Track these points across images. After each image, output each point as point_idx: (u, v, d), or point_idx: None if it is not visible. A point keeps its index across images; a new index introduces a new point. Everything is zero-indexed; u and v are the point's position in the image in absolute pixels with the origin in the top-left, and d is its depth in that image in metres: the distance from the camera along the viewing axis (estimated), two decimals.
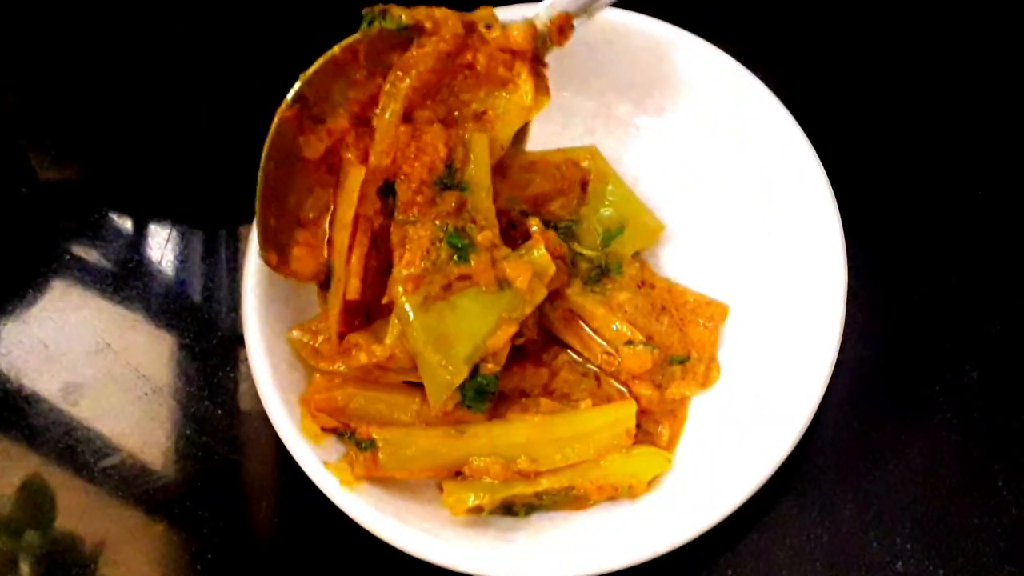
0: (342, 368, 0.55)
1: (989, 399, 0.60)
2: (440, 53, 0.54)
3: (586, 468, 0.54)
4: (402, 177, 0.54)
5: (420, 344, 0.52)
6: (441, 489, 0.54)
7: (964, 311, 0.62)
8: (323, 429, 0.54)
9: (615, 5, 0.60)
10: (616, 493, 0.54)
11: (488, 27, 0.54)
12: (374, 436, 0.53)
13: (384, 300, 0.54)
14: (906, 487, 0.58)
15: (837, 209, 0.55)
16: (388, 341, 0.53)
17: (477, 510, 0.53)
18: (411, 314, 0.52)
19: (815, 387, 0.52)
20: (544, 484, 0.53)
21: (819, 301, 0.54)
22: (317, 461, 0.52)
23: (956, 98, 0.68)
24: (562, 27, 0.55)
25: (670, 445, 0.56)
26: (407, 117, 0.54)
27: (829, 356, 0.53)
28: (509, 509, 0.54)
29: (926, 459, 0.59)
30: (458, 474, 0.54)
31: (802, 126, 0.57)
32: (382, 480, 0.53)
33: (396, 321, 0.53)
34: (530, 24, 0.54)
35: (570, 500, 0.54)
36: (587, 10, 0.56)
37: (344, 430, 0.54)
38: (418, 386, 0.54)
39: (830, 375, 0.52)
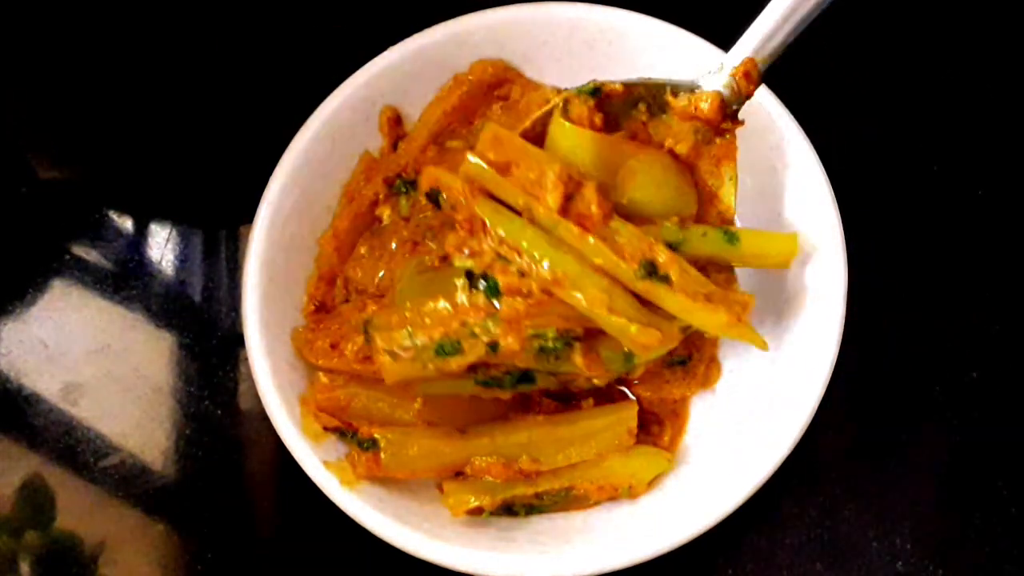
0: (338, 362, 0.55)
1: (989, 399, 0.60)
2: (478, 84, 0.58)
3: (586, 468, 0.54)
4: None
5: (400, 298, 0.52)
6: (441, 489, 0.54)
7: (964, 311, 0.62)
8: (325, 428, 0.54)
9: (616, 5, 0.60)
10: (616, 493, 0.54)
11: (675, 95, 0.53)
12: (376, 435, 0.53)
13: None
14: (906, 487, 0.58)
15: (837, 209, 0.55)
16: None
17: (477, 511, 0.53)
18: (405, 273, 0.54)
19: (815, 387, 0.52)
20: (544, 485, 0.54)
21: (819, 301, 0.54)
22: (317, 461, 0.52)
23: (956, 98, 0.68)
24: (748, 72, 0.52)
25: (671, 445, 0.56)
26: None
27: (829, 356, 0.53)
28: (509, 509, 0.54)
29: (926, 459, 0.59)
30: (459, 474, 0.54)
31: (802, 126, 0.57)
32: (382, 480, 0.53)
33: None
34: (718, 95, 0.53)
35: (570, 500, 0.54)
36: (773, 56, 0.52)
37: (346, 430, 0.54)
38: None
39: (830, 375, 0.52)
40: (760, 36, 0.52)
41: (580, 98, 0.52)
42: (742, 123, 0.53)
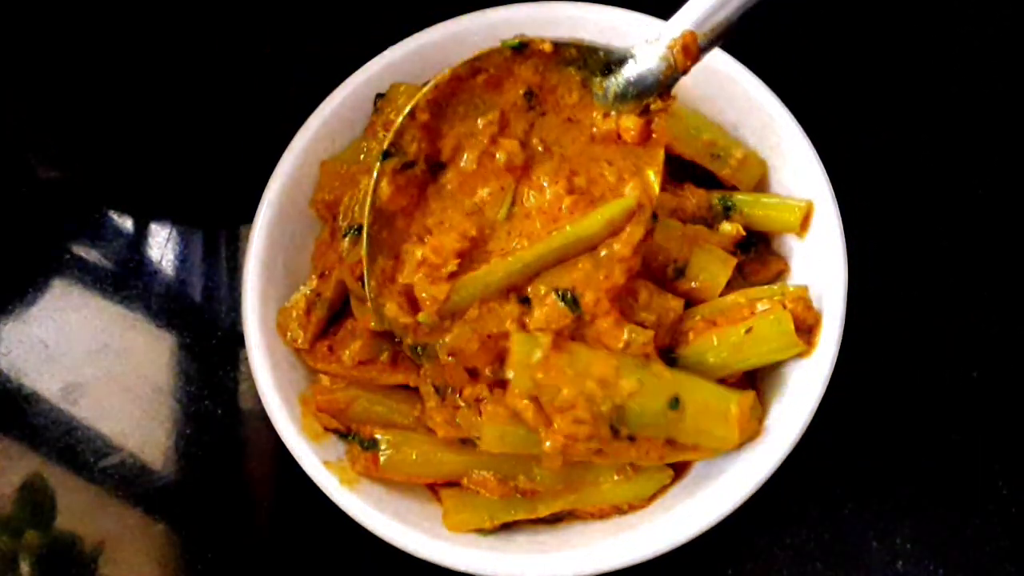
0: (336, 366, 0.55)
1: (989, 399, 0.60)
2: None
3: (586, 492, 0.53)
4: None
5: None
6: (437, 493, 0.54)
7: (964, 311, 0.62)
8: (325, 429, 0.54)
9: (617, 5, 0.60)
10: (617, 512, 0.54)
11: (605, 115, 0.52)
12: (377, 435, 0.53)
13: None
14: (906, 487, 0.58)
15: (837, 208, 0.55)
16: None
17: (479, 531, 0.53)
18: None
19: (815, 387, 0.52)
20: (543, 510, 0.53)
21: (819, 301, 0.54)
22: (317, 460, 0.52)
23: (956, 98, 0.68)
24: (687, 47, 0.49)
25: None
26: None
27: (829, 355, 0.53)
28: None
29: (926, 459, 0.59)
30: (455, 483, 0.54)
31: (802, 125, 0.57)
32: (382, 480, 0.53)
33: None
34: (642, 123, 0.51)
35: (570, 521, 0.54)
36: (717, 31, 0.49)
37: (346, 432, 0.54)
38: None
39: (830, 375, 0.52)
40: (705, 7, 0.48)
41: (499, 50, 0.51)
42: (673, 99, 0.51)
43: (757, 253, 0.58)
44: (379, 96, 0.58)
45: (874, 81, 0.68)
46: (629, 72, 0.50)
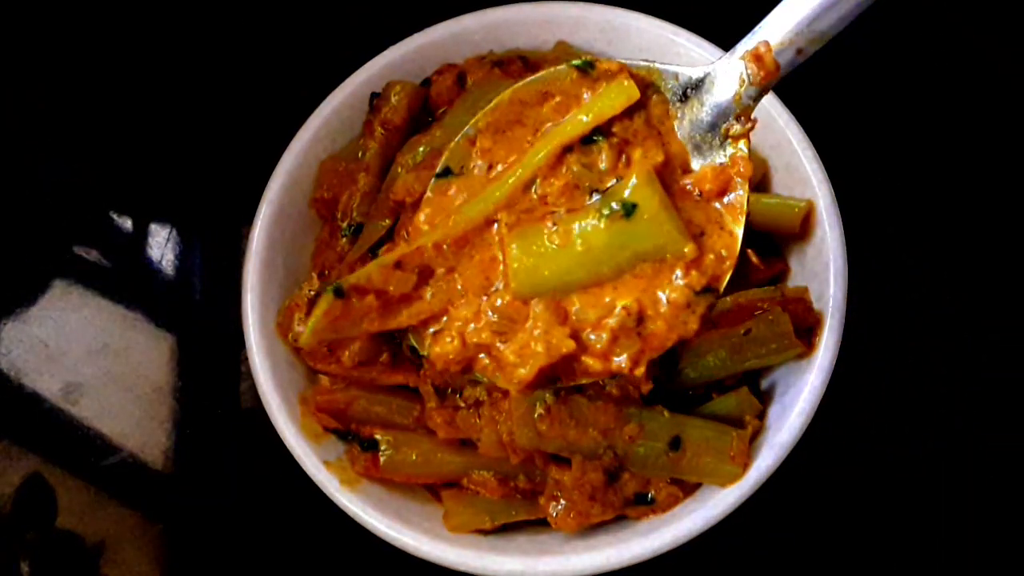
0: (336, 367, 0.55)
1: (989, 399, 0.60)
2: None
3: None
4: None
5: None
6: (437, 495, 0.54)
7: (964, 311, 0.62)
8: (324, 429, 0.54)
9: (617, 4, 0.60)
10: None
11: (683, 171, 0.48)
12: (377, 436, 0.53)
13: None
14: (906, 487, 0.58)
15: (837, 208, 0.55)
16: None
17: (480, 532, 0.53)
18: None
19: (815, 386, 0.52)
20: (543, 511, 0.53)
21: (819, 302, 0.54)
22: (317, 460, 0.52)
23: (956, 98, 0.68)
24: (759, 56, 0.45)
25: None
26: None
27: (829, 356, 0.53)
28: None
29: (926, 460, 0.59)
30: (454, 484, 0.54)
31: (802, 125, 0.57)
32: (382, 480, 0.53)
33: None
34: (722, 169, 0.47)
35: None
36: (800, 44, 0.45)
37: (346, 432, 0.54)
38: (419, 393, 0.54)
39: (830, 375, 0.52)
40: (783, 17, 0.45)
41: (564, 71, 0.48)
42: (752, 124, 0.47)
43: (757, 253, 0.58)
44: (375, 95, 0.58)
45: (874, 82, 0.69)
46: (705, 94, 0.47)
